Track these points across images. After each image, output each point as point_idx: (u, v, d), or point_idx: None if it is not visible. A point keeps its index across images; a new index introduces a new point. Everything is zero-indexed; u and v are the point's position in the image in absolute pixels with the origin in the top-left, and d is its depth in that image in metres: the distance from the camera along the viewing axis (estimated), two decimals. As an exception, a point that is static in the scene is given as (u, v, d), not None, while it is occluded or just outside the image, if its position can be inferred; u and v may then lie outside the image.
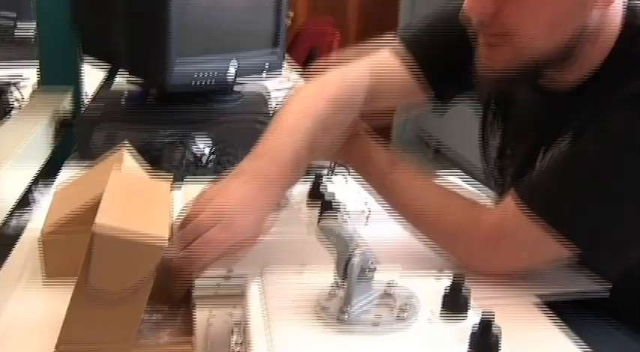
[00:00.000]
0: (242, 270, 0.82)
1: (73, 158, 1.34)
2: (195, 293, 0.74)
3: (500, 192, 1.05)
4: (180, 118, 1.35)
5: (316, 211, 0.89)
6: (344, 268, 0.64)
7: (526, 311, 0.84)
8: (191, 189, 0.96)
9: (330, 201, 0.88)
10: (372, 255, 0.65)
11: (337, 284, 0.66)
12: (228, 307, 0.78)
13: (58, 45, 1.52)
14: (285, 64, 1.70)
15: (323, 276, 0.69)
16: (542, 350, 0.75)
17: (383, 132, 1.27)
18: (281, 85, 2.04)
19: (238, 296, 0.73)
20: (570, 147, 0.88)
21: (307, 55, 3.57)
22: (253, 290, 0.69)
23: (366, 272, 0.64)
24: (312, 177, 1.08)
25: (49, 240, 0.84)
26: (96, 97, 1.51)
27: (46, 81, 1.55)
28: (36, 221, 0.99)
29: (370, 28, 4.40)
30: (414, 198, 0.91)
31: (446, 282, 0.67)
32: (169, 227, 0.68)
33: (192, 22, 1.34)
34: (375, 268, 0.65)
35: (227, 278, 0.83)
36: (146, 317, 0.68)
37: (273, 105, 1.68)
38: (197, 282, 0.77)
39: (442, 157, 4.07)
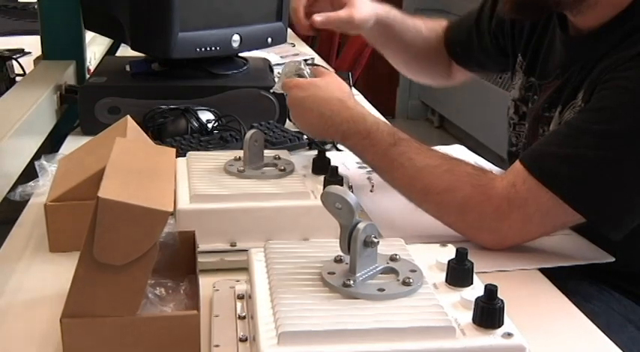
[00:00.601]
0: (246, 242, 0.83)
1: (76, 133, 1.34)
2: (199, 266, 0.74)
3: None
4: (184, 86, 1.35)
5: (321, 179, 0.90)
6: (347, 241, 0.65)
7: (531, 280, 0.84)
8: (196, 157, 0.96)
9: (336, 167, 0.89)
10: (375, 228, 0.66)
11: (341, 256, 0.67)
12: (233, 279, 0.78)
13: (61, 19, 1.52)
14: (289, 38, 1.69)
15: (327, 247, 0.69)
16: (548, 318, 0.76)
17: (386, 107, 1.28)
18: (283, 59, 2.04)
19: (243, 269, 0.73)
20: (580, 112, 0.88)
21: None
22: (258, 260, 0.69)
23: (369, 245, 0.65)
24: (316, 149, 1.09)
25: (54, 209, 0.85)
26: (99, 67, 1.50)
27: (48, 55, 1.55)
28: (41, 190, 1.00)
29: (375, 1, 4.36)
30: (420, 170, 0.90)
31: (450, 255, 0.67)
32: (174, 194, 0.69)
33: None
34: (378, 241, 0.65)
35: (230, 251, 0.84)
36: (149, 291, 0.69)
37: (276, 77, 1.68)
38: (201, 255, 0.78)
39: (445, 133, 4.06)
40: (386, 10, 1.21)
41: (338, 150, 1.27)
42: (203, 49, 1.34)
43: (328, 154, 0.97)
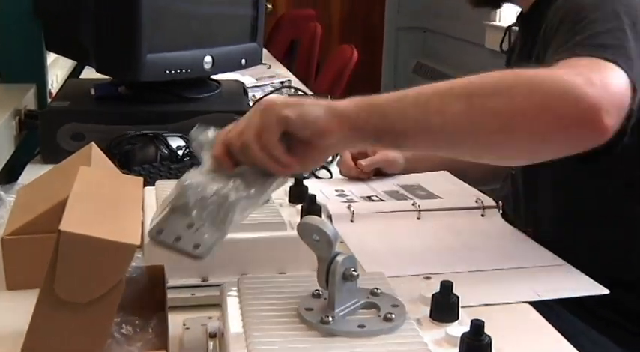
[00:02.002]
0: (218, 277, 0.83)
1: (37, 161, 1.34)
2: (169, 302, 0.74)
3: None
4: (153, 111, 1.36)
5: (298, 208, 0.90)
6: (325, 274, 0.65)
7: (521, 314, 0.86)
8: (165, 187, 0.96)
9: (314, 196, 0.90)
10: (355, 260, 0.66)
11: (319, 291, 0.67)
12: (204, 316, 0.79)
13: (20, 39, 1.52)
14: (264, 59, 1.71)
15: (304, 281, 0.70)
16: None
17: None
18: (259, 81, 2.06)
19: (215, 305, 0.73)
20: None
21: (288, 48, 3.57)
22: (231, 296, 0.70)
23: (349, 279, 0.65)
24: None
25: (12, 244, 0.84)
26: (62, 91, 1.51)
27: (7, 78, 1.55)
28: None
29: (354, 20, 4.42)
30: (461, 86, 0.75)
31: (434, 288, 0.68)
32: (141, 226, 0.69)
33: (163, 16, 1.35)
34: (358, 275, 0.66)
35: (202, 286, 0.84)
36: (115, 330, 0.69)
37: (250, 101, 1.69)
38: (170, 291, 0.78)
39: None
40: None
41: (316, 177, 1.28)
42: (173, 72, 1.35)
43: (306, 182, 0.98)
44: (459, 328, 0.63)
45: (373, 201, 1.18)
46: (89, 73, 1.76)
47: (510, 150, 0.75)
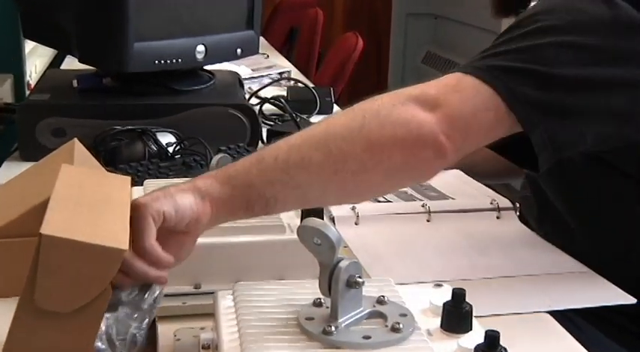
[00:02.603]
0: (212, 283, 0.84)
1: (14, 158, 1.34)
2: (158, 311, 0.75)
3: None
4: (141, 105, 1.36)
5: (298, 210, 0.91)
6: (328, 281, 0.65)
7: (539, 324, 0.86)
8: (154, 187, 0.96)
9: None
10: (360, 266, 0.67)
11: (321, 299, 0.68)
12: (197, 327, 0.79)
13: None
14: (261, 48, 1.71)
15: (305, 288, 0.70)
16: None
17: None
18: (256, 72, 2.06)
19: (208, 315, 0.74)
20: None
21: (287, 36, 3.58)
22: (225, 305, 0.70)
23: (353, 286, 0.66)
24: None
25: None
26: (41, 82, 1.51)
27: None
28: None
29: (359, 5, 4.42)
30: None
31: (445, 296, 0.68)
32: (129, 230, 0.69)
33: (152, 1, 1.35)
34: (363, 281, 0.66)
35: (194, 294, 0.84)
36: (100, 341, 0.69)
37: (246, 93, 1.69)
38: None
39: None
40: None
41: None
42: (162, 62, 1.35)
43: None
44: (472, 339, 0.64)
45: (379, 201, 1.18)
46: (71, 62, 1.76)
47: (375, 185, 0.82)
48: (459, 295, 0.67)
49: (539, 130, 0.84)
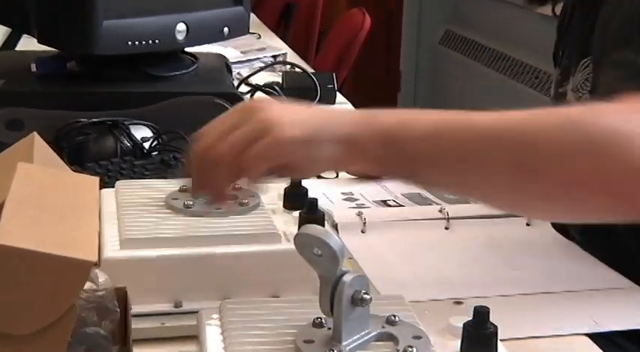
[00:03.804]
0: (195, 302, 0.84)
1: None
2: (133, 334, 0.75)
3: None
4: (111, 93, 1.36)
5: (295, 215, 0.91)
6: (330, 298, 0.66)
7: (576, 349, 0.86)
8: (128, 189, 0.97)
9: (315, 200, 0.90)
10: (367, 281, 0.67)
11: (322, 319, 0.68)
12: (177, 351, 0.79)
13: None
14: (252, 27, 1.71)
15: (303, 306, 0.70)
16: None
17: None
18: (246, 55, 2.06)
19: (191, 337, 0.74)
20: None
21: (282, 13, 3.58)
22: (211, 325, 0.70)
23: (359, 304, 0.66)
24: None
25: None
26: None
27: None
28: None
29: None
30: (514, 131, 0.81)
31: (466, 316, 0.68)
32: (98, 238, 0.69)
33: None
34: (370, 298, 0.66)
35: (174, 313, 0.85)
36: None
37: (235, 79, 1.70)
38: (135, 319, 0.78)
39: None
40: None
41: (319, 177, 1.29)
42: (137, 43, 1.36)
43: (305, 183, 0.99)
44: (498, 366, 0.64)
45: (389, 206, 1.19)
46: (28, 43, 1.76)
47: (554, 213, 0.84)
48: (481, 314, 0.67)
49: None
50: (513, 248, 1.08)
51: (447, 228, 1.13)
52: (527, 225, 1.14)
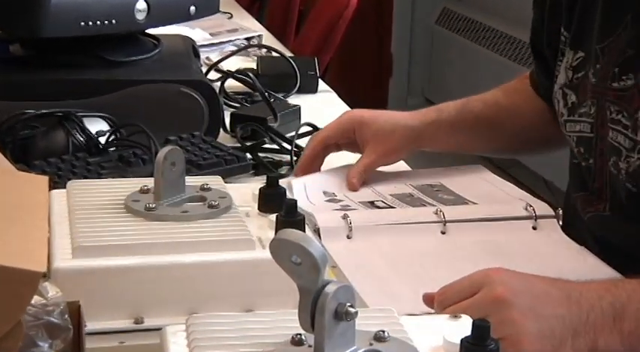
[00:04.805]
0: (158, 317, 0.84)
1: None
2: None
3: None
4: (62, 81, 1.35)
5: (272, 219, 0.91)
6: (310, 312, 0.66)
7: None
8: (82, 190, 0.97)
9: (294, 202, 0.91)
10: (353, 292, 0.67)
11: (302, 335, 0.68)
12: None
13: None
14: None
15: (280, 321, 0.71)
16: None
17: (373, 109, 1.32)
18: (216, 37, 2.06)
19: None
20: None
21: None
22: (176, 343, 0.70)
23: (343, 318, 0.66)
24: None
25: None
26: None
27: None
28: None
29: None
30: None
31: (464, 331, 0.69)
32: (47, 246, 0.70)
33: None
34: (356, 312, 0.67)
35: (135, 331, 0.85)
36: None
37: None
38: (90, 338, 0.79)
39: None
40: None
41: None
42: (90, 24, 1.35)
43: (283, 182, 0.99)
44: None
45: (378, 207, 1.19)
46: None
47: None
48: (481, 329, 0.68)
49: None
50: (518, 254, 1.09)
51: (443, 233, 1.13)
52: (534, 229, 1.14)
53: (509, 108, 1.34)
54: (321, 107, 1.66)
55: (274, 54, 1.89)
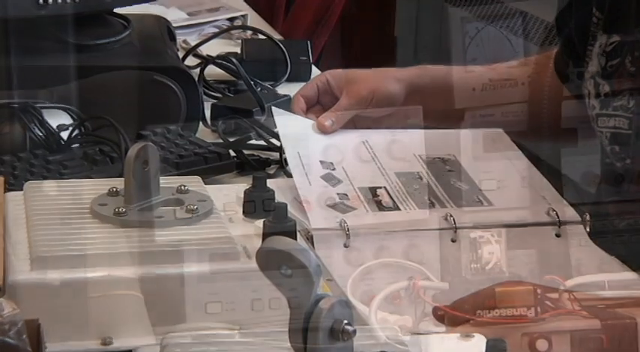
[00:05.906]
0: (129, 337, 0.84)
1: None
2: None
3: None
4: (18, 67, 1.36)
5: (258, 225, 0.92)
6: (303, 329, 0.67)
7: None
8: (41, 191, 0.97)
9: (285, 205, 0.91)
10: (350, 307, 0.68)
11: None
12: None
13: None
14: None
15: (269, 342, 0.71)
16: None
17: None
18: (194, 17, 2.06)
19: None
20: None
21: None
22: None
23: (340, 338, 0.67)
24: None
25: None
26: None
27: None
28: None
29: None
30: None
31: (477, 350, 0.69)
32: (2, 256, 0.70)
33: None
34: (354, 330, 0.67)
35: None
36: None
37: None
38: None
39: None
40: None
41: (288, 176, 1.29)
42: (50, 3, 1.35)
43: (271, 183, 0.99)
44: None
45: (378, 197, 1.18)
46: None
47: None
48: (496, 349, 0.68)
49: None
50: (537, 265, 1.09)
51: (453, 241, 1.13)
52: (557, 236, 1.15)
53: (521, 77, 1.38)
54: (315, 97, 1.67)
55: (261, 37, 1.89)
